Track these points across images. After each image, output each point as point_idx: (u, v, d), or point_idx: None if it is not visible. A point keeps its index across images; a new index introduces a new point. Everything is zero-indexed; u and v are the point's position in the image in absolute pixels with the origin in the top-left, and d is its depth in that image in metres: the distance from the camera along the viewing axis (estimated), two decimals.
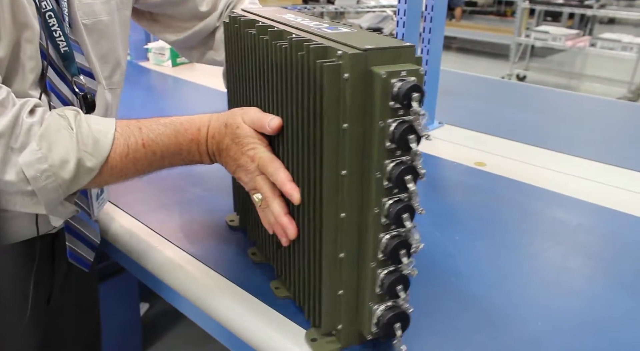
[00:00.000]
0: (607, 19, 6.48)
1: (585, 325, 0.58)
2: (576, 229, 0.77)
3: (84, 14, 0.63)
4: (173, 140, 0.56)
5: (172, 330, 1.58)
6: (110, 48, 0.68)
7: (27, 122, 0.49)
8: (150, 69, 1.63)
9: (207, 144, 0.57)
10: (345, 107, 0.44)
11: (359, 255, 0.49)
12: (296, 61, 0.47)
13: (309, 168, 0.49)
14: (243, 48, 0.60)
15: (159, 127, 0.56)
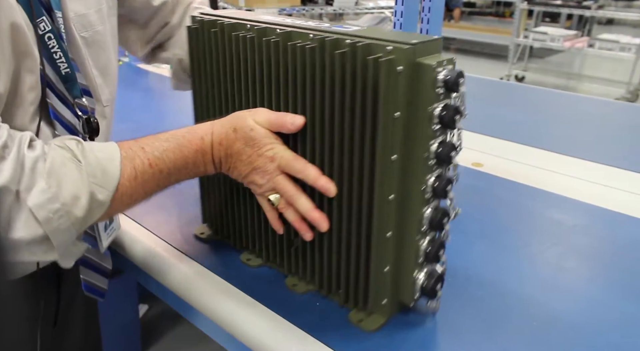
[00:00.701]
0: (605, 20, 6.49)
1: (581, 325, 0.58)
2: (572, 229, 0.77)
3: (82, 26, 0.59)
4: (179, 155, 0.54)
5: (171, 331, 1.58)
6: (107, 59, 0.65)
7: (30, 159, 0.45)
8: (149, 71, 1.64)
9: (212, 152, 0.55)
10: (397, 97, 0.48)
11: (404, 230, 0.53)
12: (329, 60, 0.50)
13: (349, 158, 0.52)
14: (231, 53, 0.59)
15: (162, 143, 0.53)
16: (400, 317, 0.58)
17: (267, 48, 0.55)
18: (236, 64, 0.59)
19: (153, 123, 1.21)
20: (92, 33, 0.61)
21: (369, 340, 0.55)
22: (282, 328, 0.56)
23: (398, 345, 0.54)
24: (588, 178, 0.93)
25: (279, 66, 0.55)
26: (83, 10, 0.59)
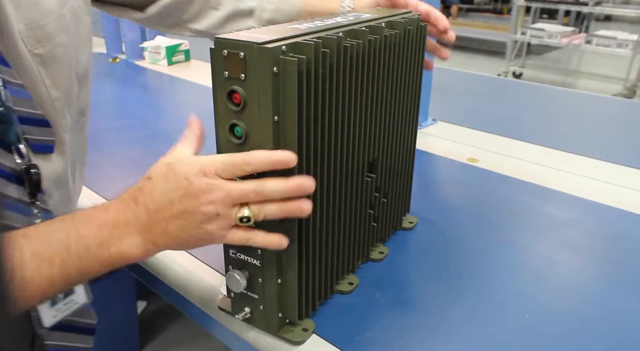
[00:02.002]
0: (603, 17, 6.50)
1: (573, 317, 0.59)
2: (565, 223, 0.78)
3: (36, 41, 0.48)
4: (73, 236, 0.42)
5: (169, 328, 1.58)
6: (73, 73, 0.55)
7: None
8: (146, 67, 1.64)
9: (127, 221, 0.43)
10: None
11: None
12: (405, 36, 0.61)
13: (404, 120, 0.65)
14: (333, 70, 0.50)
15: (52, 225, 0.42)
16: (390, 310, 0.59)
17: (351, 51, 0.51)
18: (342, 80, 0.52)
19: (151, 120, 1.21)
20: (51, 47, 0.49)
21: None
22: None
23: (391, 338, 0.55)
24: (583, 173, 0.94)
25: (364, 64, 0.54)
26: (38, 19, 0.48)
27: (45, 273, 0.41)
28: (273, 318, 0.54)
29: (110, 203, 0.45)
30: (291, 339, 0.54)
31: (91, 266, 0.43)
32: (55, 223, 0.43)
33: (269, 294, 0.52)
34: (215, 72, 0.46)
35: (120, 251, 0.44)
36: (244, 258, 0.51)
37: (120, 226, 0.44)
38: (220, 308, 0.58)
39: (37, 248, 0.40)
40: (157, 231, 0.44)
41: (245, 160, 0.44)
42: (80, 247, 0.42)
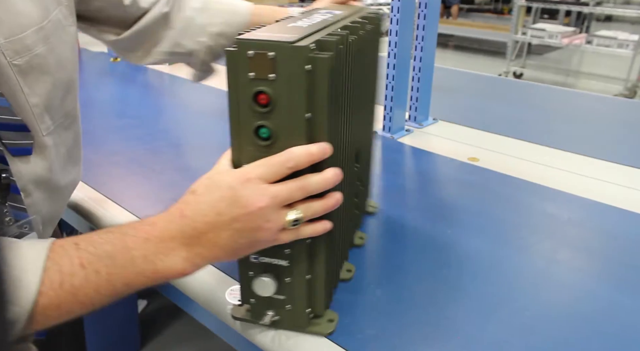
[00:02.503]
0: (604, 17, 6.50)
1: (573, 316, 0.59)
2: (566, 223, 0.78)
3: (15, 53, 0.50)
4: (119, 246, 0.42)
5: (170, 327, 1.59)
6: (55, 80, 0.56)
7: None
8: (147, 67, 1.64)
9: (172, 237, 0.44)
10: None
11: None
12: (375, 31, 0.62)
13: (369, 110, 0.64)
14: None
15: (101, 235, 0.43)
16: (390, 308, 0.59)
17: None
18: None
19: (151, 119, 1.22)
20: (30, 58, 0.51)
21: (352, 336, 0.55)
22: None
23: (392, 336, 0.55)
24: (584, 172, 0.94)
25: (354, 57, 0.55)
26: (17, 33, 0.50)
27: (93, 283, 0.41)
28: (302, 315, 0.53)
29: (158, 217, 0.45)
30: (322, 332, 0.54)
31: (137, 279, 0.43)
32: (104, 234, 0.43)
33: (298, 291, 0.52)
34: (237, 74, 0.44)
35: (166, 266, 0.44)
36: (268, 261, 0.51)
37: (167, 240, 0.44)
38: (236, 318, 0.56)
39: (85, 258, 0.41)
40: (206, 244, 0.44)
41: (285, 158, 0.44)
42: (126, 259, 0.42)
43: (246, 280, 0.52)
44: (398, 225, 0.77)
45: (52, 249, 0.42)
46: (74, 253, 0.41)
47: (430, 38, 1.10)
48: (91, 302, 0.42)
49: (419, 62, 1.11)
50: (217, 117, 1.24)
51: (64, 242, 0.43)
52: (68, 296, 0.41)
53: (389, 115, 1.09)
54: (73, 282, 0.41)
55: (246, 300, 0.54)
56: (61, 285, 0.40)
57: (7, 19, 0.49)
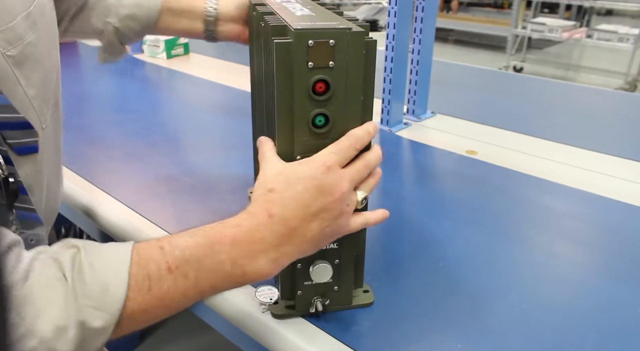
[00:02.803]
0: (604, 11, 6.47)
1: (570, 308, 0.59)
2: (563, 215, 0.78)
3: (7, 43, 0.47)
4: (207, 250, 0.41)
5: (169, 320, 1.59)
6: (46, 67, 0.54)
7: (9, 283, 0.35)
8: (145, 61, 1.64)
9: (261, 239, 0.43)
10: None
11: None
12: None
13: None
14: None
15: (185, 239, 0.42)
16: (387, 301, 0.59)
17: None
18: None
19: (150, 113, 1.21)
20: (22, 47, 0.48)
21: (351, 320, 0.55)
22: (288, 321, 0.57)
23: (388, 328, 0.55)
24: (583, 165, 0.94)
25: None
26: (7, 22, 0.47)
27: (181, 287, 0.41)
28: (349, 293, 0.56)
29: (242, 218, 0.44)
30: (366, 302, 0.57)
31: (223, 283, 0.43)
32: (188, 238, 0.42)
33: (346, 271, 0.54)
34: (292, 65, 0.44)
35: (254, 269, 0.43)
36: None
37: (257, 242, 0.43)
38: (276, 315, 0.55)
39: (172, 262, 0.41)
40: (295, 240, 0.44)
41: (353, 141, 0.47)
42: (214, 263, 0.42)
43: (293, 274, 0.53)
44: (395, 218, 0.77)
45: (137, 253, 0.41)
46: (160, 258, 0.40)
47: (428, 31, 1.10)
48: (177, 306, 0.42)
49: (417, 55, 1.11)
50: (215, 111, 1.23)
51: (147, 245, 0.42)
52: (155, 301, 0.40)
53: (387, 108, 1.08)
54: (161, 287, 0.40)
55: (290, 295, 0.55)
56: (149, 290, 0.39)
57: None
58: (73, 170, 0.89)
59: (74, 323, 0.36)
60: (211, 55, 1.72)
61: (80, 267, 0.38)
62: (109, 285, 0.38)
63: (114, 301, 0.38)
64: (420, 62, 1.11)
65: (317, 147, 0.47)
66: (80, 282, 0.37)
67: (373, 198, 0.55)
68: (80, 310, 0.37)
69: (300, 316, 0.56)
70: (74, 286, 0.37)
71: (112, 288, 0.38)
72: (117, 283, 0.38)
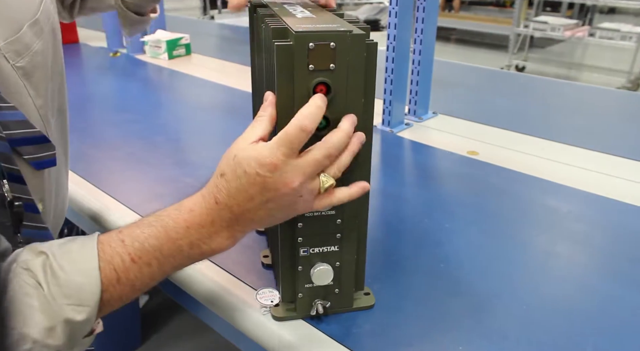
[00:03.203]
0: (607, 9, 6.45)
1: (571, 309, 0.59)
2: (566, 216, 0.78)
3: (16, 54, 0.47)
4: (164, 239, 0.45)
5: (171, 321, 1.59)
6: (51, 75, 0.54)
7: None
8: (147, 61, 1.64)
9: (213, 222, 0.45)
10: None
11: None
12: None
13: None
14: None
15: (144, 229, 0.45)
16: (387, 302, 0.59)
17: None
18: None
19: (151, 113, 1.21)
20: (30, 57, 0.49)
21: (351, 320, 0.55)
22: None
23: (389, 330, 0.55)
24: (585, 166, 0.93)
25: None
26: (15, 32, 0.47)
27: (146, 273, 0.45)
28: (349, 295, 0.56)
29: (194, 203, 0.46)
30: (367, 305, 0.57)
31: (186, 262, 0.47)
32: (146, 229, 0.45)
33: (347, 273, 0.54)
34: (293, 68, 0.44)
35: (211, 247, 0.46)
36: (318, 251, 0.52)
37: (207, 225, 0.45)
38: (277, 318, 0.55)
39: (135, 254, 0.44)
40: (244, 222, 0.46)
41: (298, 126, 0.43)
42: (172, 249, 0.45)
43: (294, 276, 0.53)
44: (396, 219, 0.77)
45: (102, 249, 0.44)
46: (123, 251, 0.44)
47: (429, 31, 1.09)
48: (147, 287, 0.46)
49: (419, 55, 1.11)
50: (216, 111, 1.23)
51: (109, 239, 0.45)
52: (126, 289, 0.44)
53: (389, 108, 1.08)
54: (129, 276, 0.44)
55: (290, 298, 0.55)
56: (119, 280, 0.43)
57: (1, 20, 0.46)
58: (74, 171, 0.89)
59: (59, 322, 0.40)
60: (213, 55, 1.72)
61: (53, 272, 0.41)
62: (83, 284, 0.42)
63: (90, 296, 0.42)
64: (422, 62, 1.11)
65: None
66: (55, 286, 0.41)
67: (373, 200, 0.54)
68: (62, 310, 0.41)
69: (301, 318, 0.56)
70: (49, 291, 0.40)
71: (86, 287, 0.42)
72: (89, 282, 0.42)
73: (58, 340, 0.41)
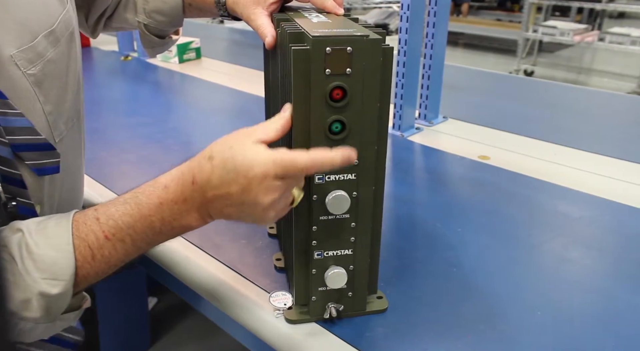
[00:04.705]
0: (616, 13, 6.42)
1: (586, 316, 0.58)
2: (578, 221, 0.77)
3: (28, 62, 0.48)
4: (137, 216, 0.46)
5: (179, 324, 1.59)
6: (66, 83, 0.54)
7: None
8: (158, 65, 1.65)
9: (185, 200, 0.46)
10: None
11: None
12: None
13: None
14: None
15: (118, 207, 0.46)
16: (400, 306, 0.59)
17: None
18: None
19: (162, 117, 1.22)
20: (43, 65, 0.50)
21: (366, 325, 0.55)
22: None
23: (402, 334, 0.55)
24: (596, 171, 0.93)
25: None
26: (29, 40, 0.48)
27: (121, 250, 0.46)
28: (362, 299, 0.56)
29: (171, 179, 0.47)
30: (380, 308, 0.57)
31: (158, 238, 0.48)
32: (120, 206, 0.47)
33: (360, 276, 0.54)
34: (310, 72, 0.45)
35: (181, 224, 0.47)
36: (332, 254, 0.52)
37: (180, 202, 0.46)
38: (290, 321, 0.56)
39: (109, 231, 0.46)
40: (213, 210, 0.47)
41: (304, 165, 0.44)
42: (144, 225, 0.46)
43: (308, 279, 0.53)
44: (408, 224, 0.77)
45: (76, 227, 0.45)
46: (97, 228, 0.45)
47: (440, 35, 1.10)
48: (122, 262, 0.47)
49: (429, 60, 1.11)
50: (227, 115, 1.24)
51: (84, 217, 0.46)
52: (102, 265, 0.46)
53: (399, 113, 1.08)
54: (103, 253, 0.46)
55: (303, 301, 0.55)
56: (93, 257, 0.45)
57: (15, 28, 0.47)
58: (87, 174, 0.89)
59: (34, 295, 0.43)
60: (223, 59, 1.73)
61: (27, 248, 0.43)
62: (57, 259, 0.44)
63: (64, 271, 0.44)
64: (432, 66, 1.11)
65: None
66: (30, 260, 0.43)
67: (385, 204, 0.55)
68: (36, 283, 0.43)
69: (314, 321, 0.56)
70: (23, 265, 0.43)
71: (60, 261, 0.44)
72: (63, 256, 0.44)
73: (35, 313, 0.43)
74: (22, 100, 0.48)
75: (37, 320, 0.43)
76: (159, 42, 0.79)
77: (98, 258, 0.45)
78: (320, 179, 0.49)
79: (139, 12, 0.75)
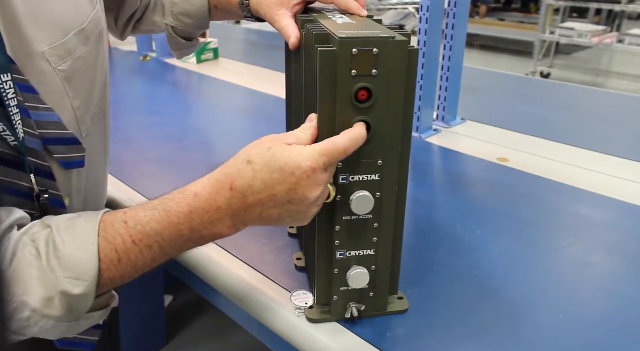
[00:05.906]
0: (635, 15, 6.32)
1: (609, 320, 0.58)
2: (600, 225, 0.77)
3: (59, 58, 0.49)
4: (165, 223, 0.45)
5: (195, 321, 1.61)
6: (94, 79, 0.56)
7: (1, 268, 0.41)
8: (176, 65, 1.67)
9: (218, 208, 0.45)
10: None
11: None
12: None
13: None
14: None
15: (146, 212, 0.46)
16: (421, 307, 0.59)
17: None
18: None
19: (180, 116, 1.23)
20: (72, 61, 0.51)
21: (381, 324, 0.56)
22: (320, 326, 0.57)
23: (423, 335, 0.55)
24: (616, 174, 0.92)
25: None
26: (60, 38, 0.49)
27: (148, 255, 0.46)
28: (384, 299, 0.56)
29: (202, 187, 0.46)
30: (400, 309, 0.57)
31: (186, 245, 0.47)
32: (149, 212, 0.46)
33: (382, 276, 0.54)
34: (335, 73, 0.45)
35: (211, 233, 0.46)
36: (354, 254, 0.53)
37: (211, 211, 0.45)
38: (311, 319, 0.56)
39: (136, 236, 0.45)
40: (250, 216, 0.46)
41: (348, 146, 0.45)
42: (172, 233, 0.46)
43: (330, 279, 0.54)
44: (428, 225, 0.76)
45: (103, 228, 0.45)
46: (125, 231, 0.45)
47: (459, 37, 1.09)
48: (149, 267, 0.47)
49: (448, 61, 1.11)
50: (245, 115, 1.25)
51: (113, 219, 0.46)
52: (129, 268, 0.45)
53: (417, 114, 1.08)
54: (130, 257, 0.45)
55: (325, 300, 0.55)
56: (120, 260, 0.45)
57: (48, 26, 0.49)
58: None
59: (57, 293, 0.42)
60: (240, 60, 1.74)
61: (54, 245, 0.43)
62: (81, 259, 0.43)
63: (88, 272, 0.43)
64: (451, 68, 1.11)
65: (358, 154, 0.47)
66: (55, 258, 0.42)
67: (406, 204, 0.55)
68: (58, 282, 0.42)
69: (335, 321, 0.56)
70: (48, 263, 0.42)
71: (83, 261, 0.43)
72: (87, 256, 0.43)
73: (56, 311, 0.42)
74: (51, 95, 0.50)
75: (59, 318, 0.43)
76: (186, 44, 0.80)
77: (124, 261, 0.45)
78: (344, 179, 0.49)
79: (166, 14, 0.76)
